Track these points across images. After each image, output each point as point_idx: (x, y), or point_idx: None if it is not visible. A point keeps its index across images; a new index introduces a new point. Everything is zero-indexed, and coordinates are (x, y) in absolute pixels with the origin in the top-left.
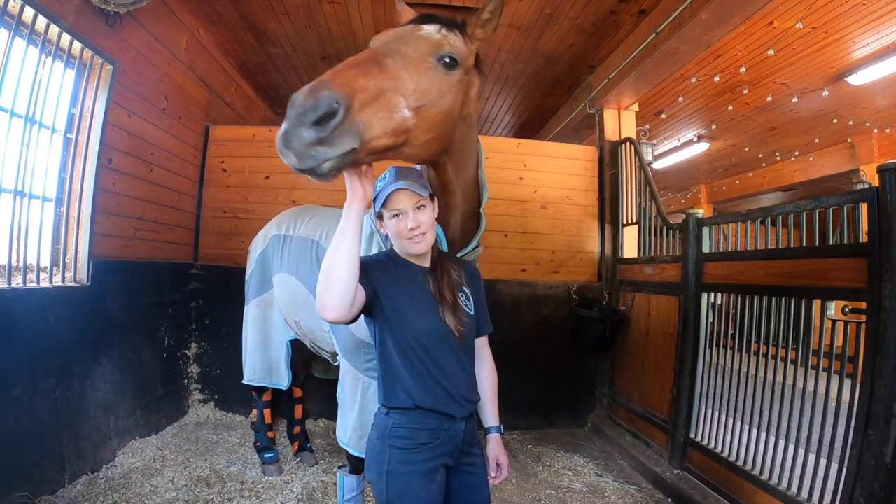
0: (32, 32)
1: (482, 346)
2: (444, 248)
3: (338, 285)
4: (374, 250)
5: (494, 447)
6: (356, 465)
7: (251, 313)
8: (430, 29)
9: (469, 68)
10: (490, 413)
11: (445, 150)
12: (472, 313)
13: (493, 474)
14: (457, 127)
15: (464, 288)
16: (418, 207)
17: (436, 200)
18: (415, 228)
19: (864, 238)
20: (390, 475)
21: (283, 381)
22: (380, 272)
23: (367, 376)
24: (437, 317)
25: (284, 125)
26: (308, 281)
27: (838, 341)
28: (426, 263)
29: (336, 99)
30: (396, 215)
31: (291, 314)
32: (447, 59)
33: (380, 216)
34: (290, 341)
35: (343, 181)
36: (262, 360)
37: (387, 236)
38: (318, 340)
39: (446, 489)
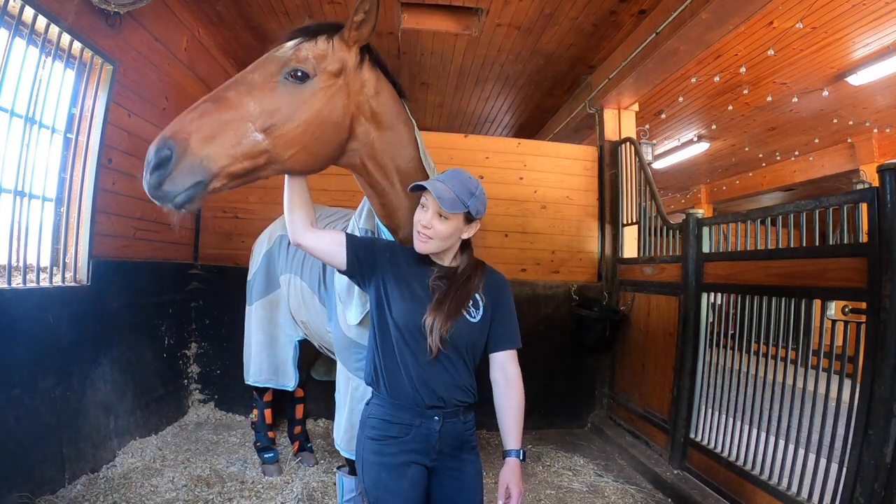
0: (32, 32)
1: (506, 363)
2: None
3: (287, 219)
4: None
5: (507, 473)
6: (355, 466)
7: (256, 314)
8: (286, 46)
9: (347, 70)
10: (510, 435)
11: (348, 155)
12: (474, 321)
13: (500, 502)
14: (349, 133)
15: (477, 295)
16: (440, 215)
17: (475, 224)
18: (425, 228)
19: (864, 238)
20: (364, 464)
21: (290, 381)
22: (387, 254)
23: (356, 376)
24: (424, 311)
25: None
26: (311, 281)
27: (838, 341)
28: (445, 263)
29: (168, 146)
30: (422, 206)
31: (298, 315)
32: (297, 73)
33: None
34: (299, 341)
35: (340, 182)
36: (269, 361)
37: (365, 234)
38: (325, 340)
39: (430, 492)
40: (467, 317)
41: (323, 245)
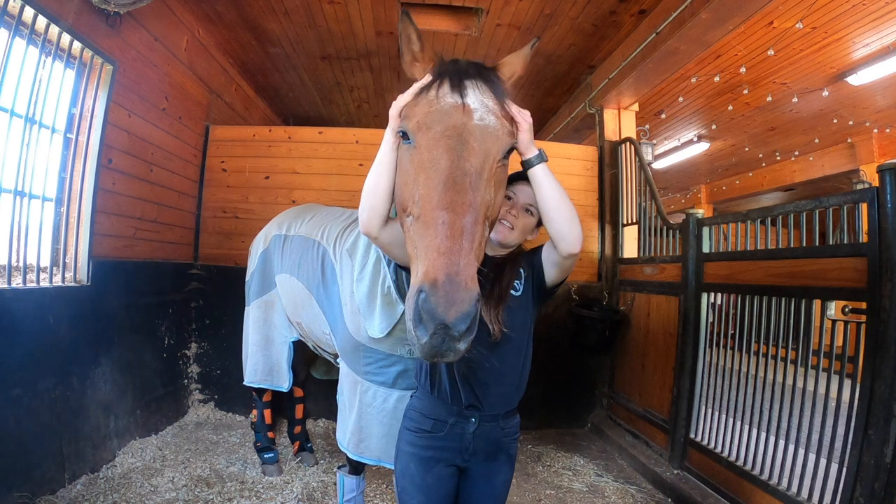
0: (32, 32)
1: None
2: None
3: (367, 204)
4: (372, 258)
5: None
6: (356, 466)
7: (252, 315)
8: (489, 107)
9: None
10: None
11: None
12: (517, 294)
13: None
14: None
15: (521, 270)
16: (527, 209)
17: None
18: (509, 218)
19: (864, 238)
20: (398, 452)
21: (284, 382)
22: None
23: (365, 379)
24: None
25: (436, 341)
26: (308, 282)
27: (838, 341)
28: (493, 252)
29: (476, 299)
30: (509, 198)
31: (294, 315)
32: (510, 150)
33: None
34: (293, 342)
35: (340, 182)
36: (264, 362)
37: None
38: (321, 342)
39: (460, 492)
40: (513, 293)
41: (397, 240)
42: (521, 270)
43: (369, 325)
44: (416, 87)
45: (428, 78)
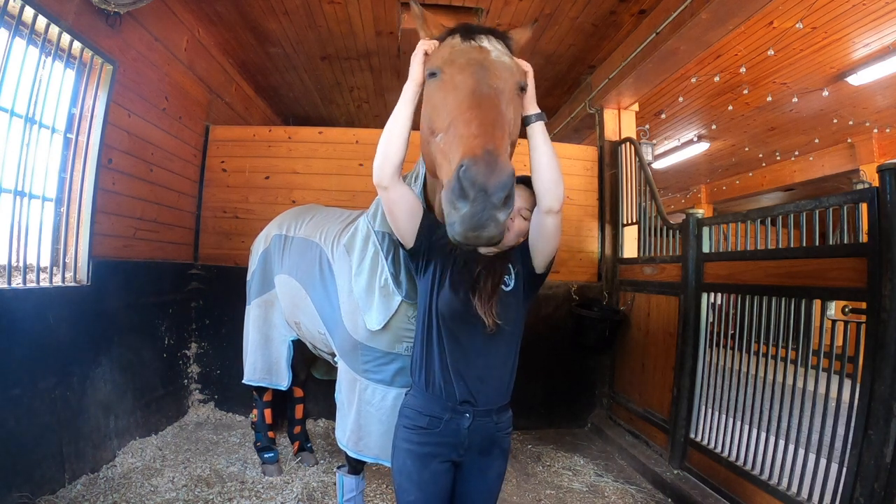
0: (32, 32)
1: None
2: None
3: (382, 150)
4: (370, 251)
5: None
6: (355, 466)
7: (252, 313)
8: (501, 51)
9: None
10: None
11: None
12: (508, 289)
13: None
14: None
15: (510, 265)
16: (521, 214)
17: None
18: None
19: (864, 238)
20: (395, 449)
21: (283, 381)
22: (443, 240)
23: (364, 378)
24: (469, 297)
25: (477, 208)
26: (307, 283)
27: (838, 341)
28: (484, 252)
29: (512, 175)
30: None
31: (292, 316)
32: (522, 87)
33: None
34: (293, 341)
35: (340, 182)
36: (263, 360)
37: (383, 238)
38: (317, 342)
39: (455, 486)
40: (503, 288)
41: (406, 204)
42: (511, 266)
43: (367, 318)
44: (431, 41)
45: (445, 32)
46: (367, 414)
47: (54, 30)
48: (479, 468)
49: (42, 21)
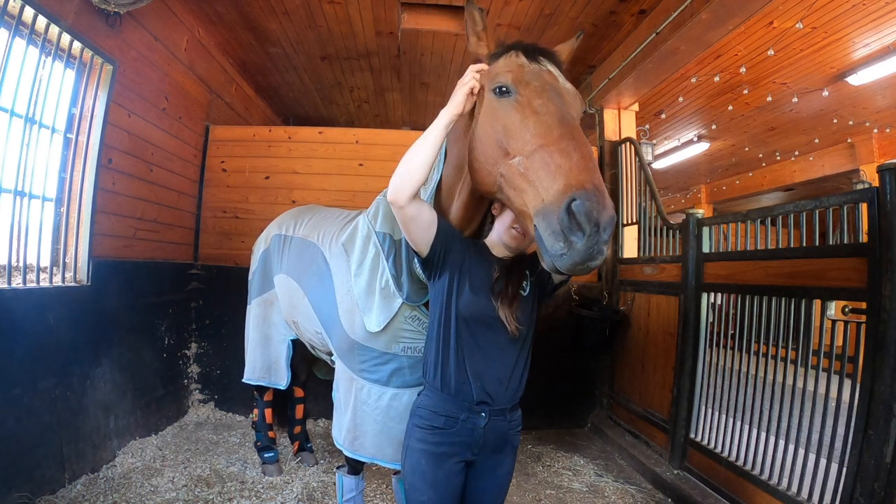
0: (32, 32)
1: None
2: None
3: (404, 171)
4: (371, 252)
5: None
6: (355, 466)
7: (252, 312)
8: (562, 75)
9: None
10: None
11: None
12: (525, 294)
13: None
14: None
15: (527, 272)
16: None
17: None
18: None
19: (864, 238)
20: (408, 450)
21: (282, 380)
22: (458, 244)
23: (361, 377)
24: (490, 301)
25: (591, 242)
26: (304, 283)
27: (838, 341)
28: (501, 254)
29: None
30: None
31: (290, 315)
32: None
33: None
34: (292, 341)
35: (340, 182)
36: (262, 360)
37: (384, 239)
38: (314, 341)
39: (466, 484)
40: (521, 293)
41: (422, 220)
42: (527, 272)
43: (367, 319)
44: (480, 65)
45: (502, 49)
46: (362, 413)
47: (54, 30)
48: (491, 466)
49: (42, 21)
